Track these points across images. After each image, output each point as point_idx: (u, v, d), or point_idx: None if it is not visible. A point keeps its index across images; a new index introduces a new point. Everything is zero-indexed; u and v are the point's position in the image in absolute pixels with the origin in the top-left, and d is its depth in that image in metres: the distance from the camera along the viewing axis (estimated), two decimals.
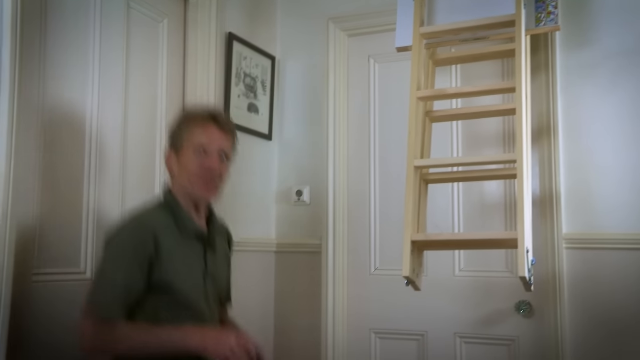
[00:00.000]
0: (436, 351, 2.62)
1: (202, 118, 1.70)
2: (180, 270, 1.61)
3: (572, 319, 2.39)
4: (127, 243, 1.58)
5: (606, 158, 2.39)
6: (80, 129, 2.07)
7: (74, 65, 2.05)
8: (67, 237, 2.01)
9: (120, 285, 1.54)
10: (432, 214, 2.42)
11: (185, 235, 1.66)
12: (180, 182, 1.70)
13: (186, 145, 1.67)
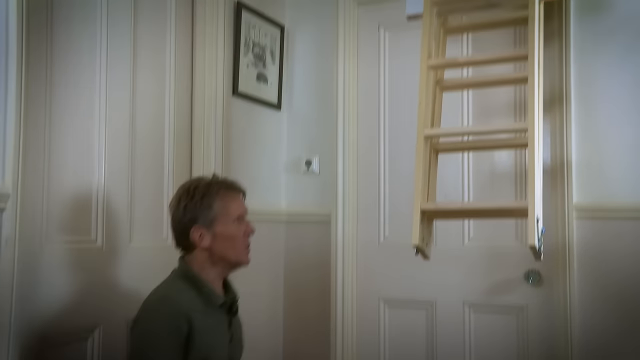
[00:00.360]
0: (445, 320, 2.64)
1: (224, 188, 1.77)
2: (211, 343, 1.66)
3: (581, 288, 2.39)
4: (162, 331, 1.60)
5: (619, 127, 2.37)
6: (89, 102, 2.08)
7: (80, 34, 2.04)
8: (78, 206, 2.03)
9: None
10: (442, 184, 2.41)
11: (211, 308, 1.70)
12: (216, 254, 1.73)
13: (223, 218, 1.72)
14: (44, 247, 1.89)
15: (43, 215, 1.90)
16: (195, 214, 1.70)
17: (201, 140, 2.51)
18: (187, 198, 1.72)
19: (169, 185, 2.40)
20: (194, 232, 1.71)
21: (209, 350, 1.64)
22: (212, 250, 1.72)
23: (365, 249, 2.80)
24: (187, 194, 1.73)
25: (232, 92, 2.65)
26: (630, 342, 2.31)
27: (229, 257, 1.74)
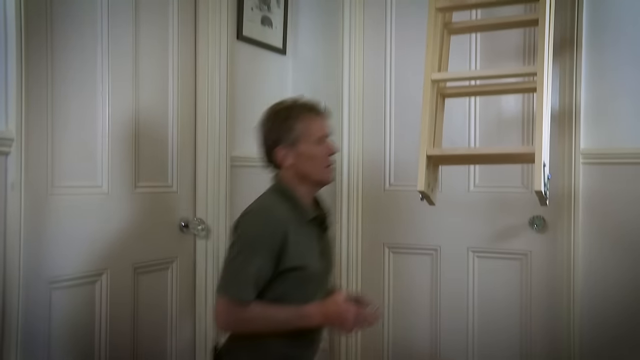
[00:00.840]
0: (449, 266, 2.66)
1: (306, 110, 1.81)
2: (304, 254, 1.74)
3: (585, 234, 2.40)
4: (260, 236, 1.70)
5: (630, 73, 2.33)
6: (92, 48, 2.05)
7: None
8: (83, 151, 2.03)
9: (253, 274, 1.67)
10: (448, 130, 2.39)
11: (304, 222, 1.78)
12: (302, 172, 1.80)
13: (306, 137, 1.78)
14: (50, 192, 1.90)
15: (48, 161, 1.90)
16: (279, 135, 1.78)
17: (205, 85, 2.48)
18: (271, 120, 1.81)
19: (173, 130, 2.39)
20: (278, 152, 1.79)
21: (302, 260, 1.73)
22: (296, 168, 1.79)
23: (370, 196, 2.80)
24: (271, 117, 1.81)
25: (236, 37, 2.60)
26: (632, 288, 2.33)
27: (311, 176, 1.81)
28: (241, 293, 1.66)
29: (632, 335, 2.34)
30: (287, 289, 1.72)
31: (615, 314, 2.36)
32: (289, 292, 1.72)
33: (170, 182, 2.40)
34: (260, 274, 1.68)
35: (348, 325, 1.70)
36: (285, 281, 1.71)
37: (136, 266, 2.21)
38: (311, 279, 1.77)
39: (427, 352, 2.71)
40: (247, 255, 1.68)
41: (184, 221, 2.44)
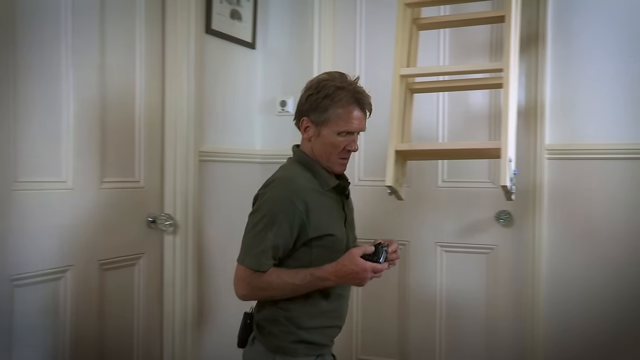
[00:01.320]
0: (418, 260, 2.69)
1: (350, 99, 1.74)
2: (328, 223, 1.74)
3: (550, 228, 2.45)
4: (281, 206, 1.68)
5: (593, 68, 2.38)
6: (56, 34, 2.01)
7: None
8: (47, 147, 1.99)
9: (272, 244, 1.67)
10: (417, 125, 2.41)
11: (326, 190, 1.78)
12: (315, 151, 1.78)
13: (331, 125, 1.74)
14: (13, 187, 1.86)
15: (11, 156, 1.85)
16: (313, 108, 1.74)
17: (173, 79, 2.45)
18: (315, 89, 1.75)
19: (140, 125, 2.36)
20: (304, 121, 1.78)
21: (327, 229, 1.72)
22: (312, 144, 1.79)
23: None
24: (319, 86, 1.75)
25: (205, 30, 2.58)
26: (596, 279, 2.38)
27: (321, 160, 1.79)
28: (258, 263, 1.66)
29: (594, 325, 2.39)
30: (314, 258, 1.71)
31: (578, 305, 2.41)
32: (317, 261, 1.70)
33: (138, 178, 2.37)
34: (278, 244, 1.67)
35: (364, 281, 1.68)
36: (313, 249, 1.71)
37: (102, 262, 2.18)
38: (339, 247, 1.74)
39: (395, 344, 2.73)
40: (266, 225, 1.67)
41: (152, 217, 2.41)
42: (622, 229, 2.34)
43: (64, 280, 2.03)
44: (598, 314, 2.38)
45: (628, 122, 2.33)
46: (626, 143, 2.32)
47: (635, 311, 2.33)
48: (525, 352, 2.48)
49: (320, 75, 1.80)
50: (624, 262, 2.34)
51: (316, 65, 2.77)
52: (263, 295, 1.72)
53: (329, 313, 1.77)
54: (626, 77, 2.33)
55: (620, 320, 2.35)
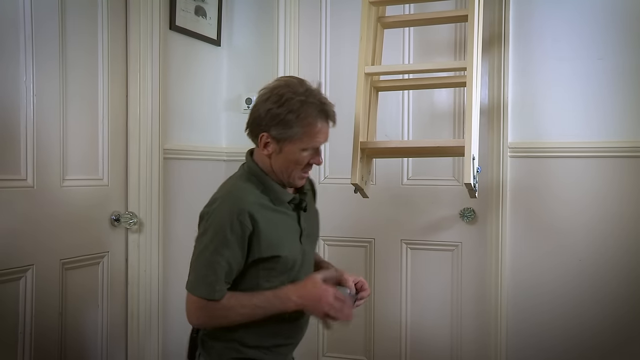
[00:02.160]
0: (383, 257, 2.70)
1: (317, 114, 1.62)
2: (278, 243, 1.63)
3: (512, 225, 2.49)
4: (226, 224, 1.57)
5: (554, 67, 2.42)
6: (15, 30, 1.96)
7: None
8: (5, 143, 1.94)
9: (223, 269, 1.57)
10: (382, 123, 2.43)
11: (279, 205, 1.67)
12: (275, 167, 1.66)
13: (296, 142, 1.62)
14: None
15: None
16: (274, 123, 1.60)
17: (137, 77, 2.42)
18: (276, 103, 1.59)
19: (104, 122, 2.33)
20: (263, 137, 1.62)
21: (278, 246, 1.62)
22: (272, 160, 1.65)
23: None
24: (277, 99, 1.59)
25: (169, 26, 2.55)
26: (558, 275, 2.43)
27: (281, 175, 1.67)
28: (212, 291, 1.56)
29: (556, 320, 2.44)
30: (261, 280, 1.62)
31: (541, 300, 2.46)
32: (263, 283, 1.62)
33: (101, 175, 2.34)
34: (230, 267, 1.57)
35: (324, 309, 1.59)
36: (260, 271, 1.62)
37: (64, 261, 2.15)
38: (289, 267, 1.66)
39: (361, 342, 2.75)
40: (216, 249, 1.56)
41: (115, 215, 2.38)
42: (584, 225, 2.39)
43: (23, 280, 1.99)
44: (561, 309, 2.43)
45: (589, 121, 2.38)
46: (587, 142, 2.37)
47: (597, 307, 2.39)
48: (489, 349, 2.52)
49: (278, 84, 1.63)
50: (585, 258, 2.40)
51: (282, 63, 2.77)
52: (222, 322, 1.61)
53: (282, 333, 1.69)
54: (588, 78, 2.37)
55: (583, 316, 2.40)
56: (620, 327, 2.35)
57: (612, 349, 2.37)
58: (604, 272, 2.37)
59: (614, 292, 2.36)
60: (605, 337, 2.38)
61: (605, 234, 2.37)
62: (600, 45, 2.36)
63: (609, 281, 2.37)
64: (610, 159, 2.35)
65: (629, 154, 2.33)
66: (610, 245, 2.36)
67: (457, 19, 2.28)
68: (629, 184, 2.33)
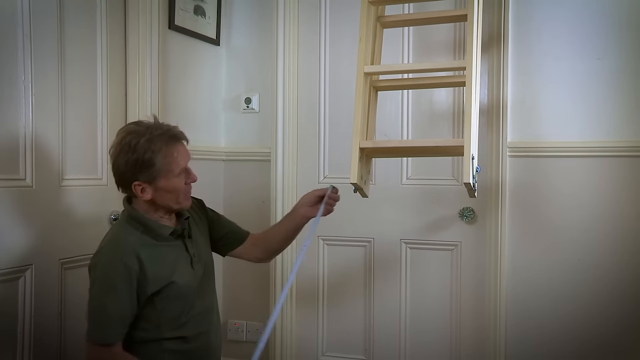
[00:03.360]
0: (383, 256, 2.70)
1: (169, 140, 1.72)
2: (167, 273, 1.71)
3: (512, 224, 2.48)
4: (115, 271, 1.64)
5: (553, 67, 2.42)
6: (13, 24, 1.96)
7: None
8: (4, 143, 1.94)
9: (116, 313, 1.65)
10: (381, 123, 2.42)
11: (161, 240, 1.74)
12: (160, 202, 1.74)
13: (165, 174, 1.70)
14: None
15: None
16: (138, 170, 1.68)
17: (136, 77, 2.42)
18: (128, 152, 1.67)
19: (103, 122, 2.33)
20: (136, 186, 1.70)
21: (167, 276, 1.70)
22: (154, 201, 1.74)
23: (305, 187, 2.78)
24: (128, 148, 1.67)
25: (167, 26, 2.55)
26: (557, 275, 2.43)
27: (170, 206, 1.77)
28: (104, 335, 1.64)
29: (555, 319, 2.44)
30: (160, 311, 1.71)
31: (540, 300, 2.46)
32: (163, 313, 1.71)
33: (100, 175, 2.33)
34: (124, 311, 1.65)
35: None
36: (157, 304, 1.70)
37: (63, 261, 2.14)
38: (185, 292, 1.74)
39: (360, 341, 2.75)
40: (105, 295, 1.64)
41: (115, 215, 2.37)
42: (583, 225, 2.39)
43: (22, 280, 1.99)
44: (560, 308, 2.43)
45: (588, 120, 2.38)
46: (586, 141, 2.37)
47: (596, 306, 2.39)
48: (488, 349, 2.52)
49: (121, 137, 1.70)
50: (584, 257, 2.39)
51: (281, 62, 2.76)
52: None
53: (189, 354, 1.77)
54: (587, 77, 2.37)
55: (583, 315, 2.40)
56: (620, 327, 2.35)
57: (612, 348, 2.37)
58: (604, 272, 2.37)
59: (613, 291, 2.36)
60: (604, 336, 2.37)
61: (605, 234, 2.37)
62: (599, 45, 2.36)
63: (608, 281, 2.37)
64: (609, 158, 2.35)
65: (628, 154, 2.32)
66: (610, 245, 2.36)
67: (457, 19, 2.28)
68: (628, 184, 2.33)
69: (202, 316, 1.82)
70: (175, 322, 1.74)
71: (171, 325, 1.73)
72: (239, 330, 2.89)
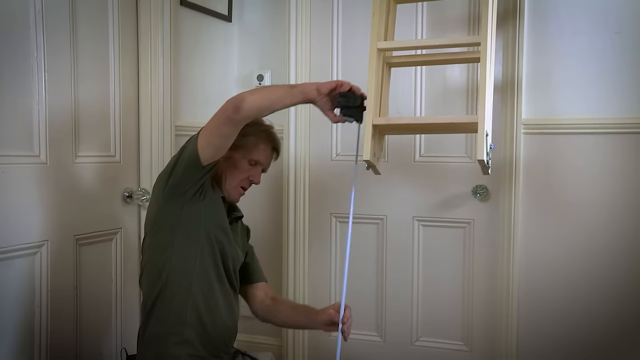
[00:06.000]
0: (395, 234, 2.70)
1: (270, 141, 1.92)
2: (215, 215, 1.82)
3: (525, 202, 2.47)
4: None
5: (570, 42, 2.38)
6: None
7: None
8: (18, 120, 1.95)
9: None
10: (394, 100, 2.41)
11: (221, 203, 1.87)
12: (218, 172, 1.86)
13: (245, 151, 1.86)
14: None
15: None
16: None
17: (148, 53, 2.42)
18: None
19: (115, 99, 2.34)
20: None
21: (215, 219, 1.79)
22: (218, 164, 1.79)
23: (317, 165, 2.80)
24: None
25: (179, 2, 2.54)
26: (571, 253, 2.42)
27: (223, 182, 1.86)
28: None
29: (567, 295, 2.43)
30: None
31: (553, 278, 2.45)
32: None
33: (113, 152, 2.35)
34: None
35: (331, 84, 1.74)
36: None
37: (78, 237, 2.17)
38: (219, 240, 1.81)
39: (372, 318, 2.76)
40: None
41: (128, 192, 2.39)
42: (598, 203, 2.37)
43: (39, 256, 2.01)
44: (574, 286, 2.42)
45: (605, 96, 2.34)
46: (603, 118, 2.34)
47: (610, 285, 2.38)
48: (500, 325, 2.52)
49: None
50: (598, 235, 2.38)
51: (293, 38, 2.74)
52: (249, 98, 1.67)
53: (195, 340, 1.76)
54: (605, 52, 2.34)
55: (595, 293, 2.39)
56: (635, 306, 2.34)
57: (625, 326, 2.36)
58: (620, 250, 2.35)
59: (629, 270, 2.35)
60: (616, 314, 2.37)
61: (621, 212, 2.34)
62: (617, 19, 2.32)
63: (624, 259, 2.35)
64: (627, 135, 2.32)
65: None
66: (626, 223, 2.34)
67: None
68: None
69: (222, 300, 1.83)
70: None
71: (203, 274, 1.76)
72: None
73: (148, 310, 1.75)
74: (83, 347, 2.21)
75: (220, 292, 1.81)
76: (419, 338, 2.69)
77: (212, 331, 1.76)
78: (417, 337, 2.70)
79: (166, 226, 1.74)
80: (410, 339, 2.70)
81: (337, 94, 1.73)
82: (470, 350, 2.62)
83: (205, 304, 1.75)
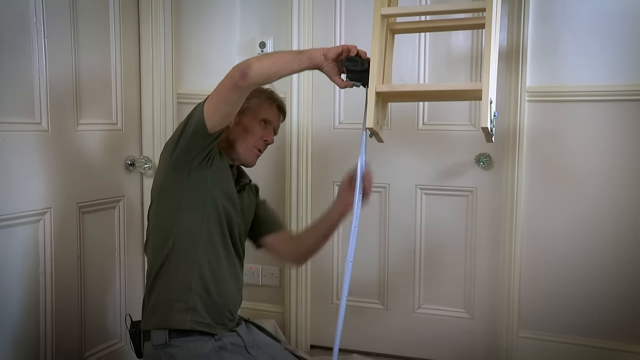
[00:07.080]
0: (398, 202, 2.70)
1: (271, 98, 1.92)
2: (223, 182, 1.80)
3: (529, 170, 2.47)
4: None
5: (576, 8, 2.35)
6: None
7: None
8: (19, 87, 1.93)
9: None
10: (398, 67, 2.38)
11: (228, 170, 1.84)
12: (231, 139, 1.85)
13: (253, 113, 1.87)
14: None
15: None
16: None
17: (149, 20, 2.40)
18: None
19: (116, 67, 2.32)
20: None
21: (221, 186, 1.77)
22: (229, 133, 1.83)
23: (319, 134, 2.79)
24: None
25: None
26: (573, 221, 2.42)
27: (237, 148, 1.86)
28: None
29: (569, 263, 2.44)
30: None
31: (555, 245, 2.46)
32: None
33: (115, 120, 2.34)
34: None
35: (337, 49, 1.73)
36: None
37: (81, 205, 2.17)
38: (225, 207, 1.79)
39: (375, 287, 2.78)
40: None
41: (130, 160, 2.39)
42: (602, 171, 2.37)
43: (42, 223, 2.02)
44: (576, 254, 2.43)
45: (611, 63, 2.32)
46: (608, 85, 2.32)
47: (611, 253, 2.38)
48: (502, 294, 2.54)
49: None
50: (602, 204, 2.38)
51: (296, 5, 2.70)
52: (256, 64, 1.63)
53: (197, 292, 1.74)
54: (612, 18, 2.31)
55: (597, 261, 2.41)
56: (636, 274, 2.35)
57: (627, 294, 2.37)
58: (623, 220, 2.36)
59: (633, 240, 2.35)
60: (617, 281, 2.38)
61: (625, 180, 2.34)
62: None
63: (627, 228, 2.35)
64: (633, 102, 2.30)
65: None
66: (629, 191, 2.34)
67: None
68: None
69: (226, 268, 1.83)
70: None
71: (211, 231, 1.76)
72: (255, 274, 2.92)
73: (153, 277, 1.76)
74: (87, 312, 2.23)
75: (226, 260, 1.81)
76: (421, 305, 2.72)
77: (217, 299, 1.77)
78: (419, 304, 2.72)
79: (173, 193, 1.74)
80: (412, 306, 2.72)
81: (343, 59, 1.69)
82: (472, 317, 2.64)
83: (211, 272, 1.75)
